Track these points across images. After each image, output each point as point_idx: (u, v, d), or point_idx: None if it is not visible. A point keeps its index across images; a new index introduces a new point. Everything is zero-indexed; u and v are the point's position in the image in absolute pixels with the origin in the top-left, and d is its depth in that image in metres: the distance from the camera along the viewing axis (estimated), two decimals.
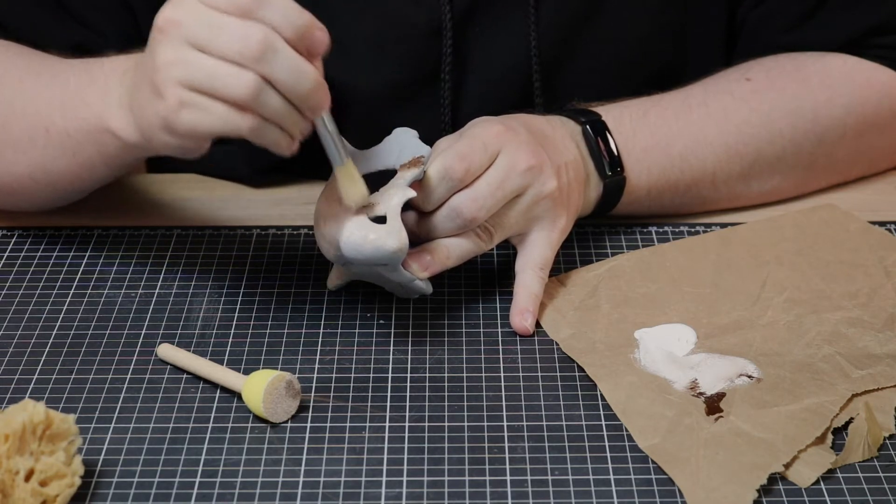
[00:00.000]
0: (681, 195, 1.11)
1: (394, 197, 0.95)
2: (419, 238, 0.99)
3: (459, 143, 0.99)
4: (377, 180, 0.98)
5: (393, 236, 0.94)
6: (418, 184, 0.97)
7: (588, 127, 1.06)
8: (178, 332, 1.00)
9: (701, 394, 0.92)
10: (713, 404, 0.91)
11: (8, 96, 1.05)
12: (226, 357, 0.97)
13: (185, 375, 0.95)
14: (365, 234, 0.94)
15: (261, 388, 0.89)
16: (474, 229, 0.99)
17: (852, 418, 0.89)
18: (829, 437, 0.88)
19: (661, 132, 1.09)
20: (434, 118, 1.15)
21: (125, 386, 0.94)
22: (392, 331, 1.00)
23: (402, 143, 1.00)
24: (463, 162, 0.97)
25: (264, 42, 0.86)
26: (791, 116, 1.11)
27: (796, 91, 1.12)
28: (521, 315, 1.00)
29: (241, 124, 0.88)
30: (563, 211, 1.02)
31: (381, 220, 0.95)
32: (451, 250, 1.00)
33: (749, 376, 0.93)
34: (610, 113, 1.08)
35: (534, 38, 1.13)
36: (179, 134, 0.89)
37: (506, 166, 0.99)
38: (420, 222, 0.99)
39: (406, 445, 0.89)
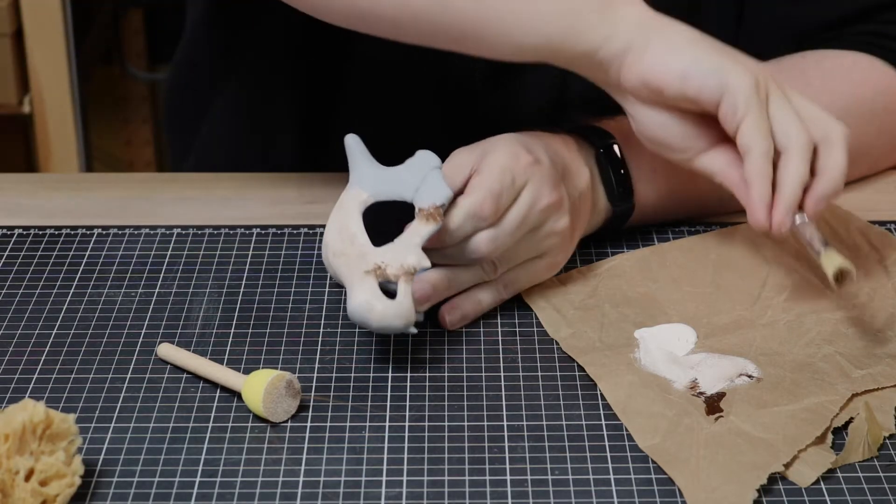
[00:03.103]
0: (686, 209, 1.10)
1: (413, 258, 0.94)
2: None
3: (491, 180, 0.96)
4: (387, 209, 0.97)
5: (401, 317, 0.92)
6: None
7: (602, 152, 1.05)
8: (178, 332, 1.00)
9: (701, 393, 0.92)
10: (713, 404, 0.91)
11: None
12: (226, 357, 0.97)
13: (185, 375, 0.95)
14: (372, 304, 0.92)
15: (261, 388, 0.89)
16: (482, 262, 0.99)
17: (852, 418, 0.89)
18: (829, 437, 0.88)
19: None
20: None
21: (125, 386, 0.94)
22: None
23: (422, 172, 0.97)
24: (495, 202, 0.96)
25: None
26: None
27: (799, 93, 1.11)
28: (450, 310, 0.99)
29: None
30: (565, 250, 1.03)
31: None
32: (453, 281, 0.99)
33: (749, 376, 0.93)
34: (622, 130, 1.06)
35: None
36: None
37: (529, 202, 0.98)
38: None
39: (406, 445, 0.89)
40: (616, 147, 1.06)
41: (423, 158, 0.99)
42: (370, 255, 0.94)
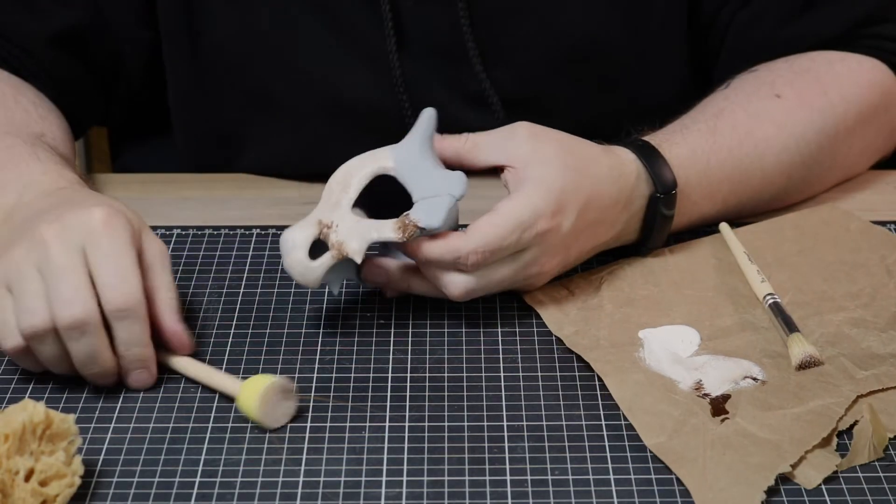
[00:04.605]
0: (703, 224, 1.10)
1: (352, 244, 0.94)
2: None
3: (496, 234, 0.94)
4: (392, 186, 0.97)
5: (304, 277, 0.94)
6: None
7: (661, 196, 1.03)
8: None
9: (706, 395, 0.91)
10: (719, 405, 0.90)
11: None
12: (226, 357, 0.97)
13: (184, 375, 0.95)
14: (293, 247, 0.94)
15: (254, 400, 0.89)
16: None
17: (857, 420, 0.89)
18: (834, 439, 0.88)
19: (715, 181, 1.07)
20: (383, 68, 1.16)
21: (125, 386, 0.94)
22: (392, 331, 1.00)
23: (441, 190, 0.96)
24: (484, 258, 0.95)
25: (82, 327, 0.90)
26: (818, 135, 1.11)
27: (822, 107, 1.12)
28: (376, 270, 0.99)
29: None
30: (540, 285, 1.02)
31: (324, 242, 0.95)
32: (413, 287, 0.99)
33: (754, 378, 0.93)
34: (680, 163, 1.04)
35: (465, 20, 1.13)
36: None
37: (521, 266, 0.97)
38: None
39: (406, 445, 0.89)
40: (674, 194, 1.03)
41: (454, 181, 0.97)
42: (338, 210, 0.95)
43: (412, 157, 0.97)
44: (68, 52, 1.17)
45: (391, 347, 0.98)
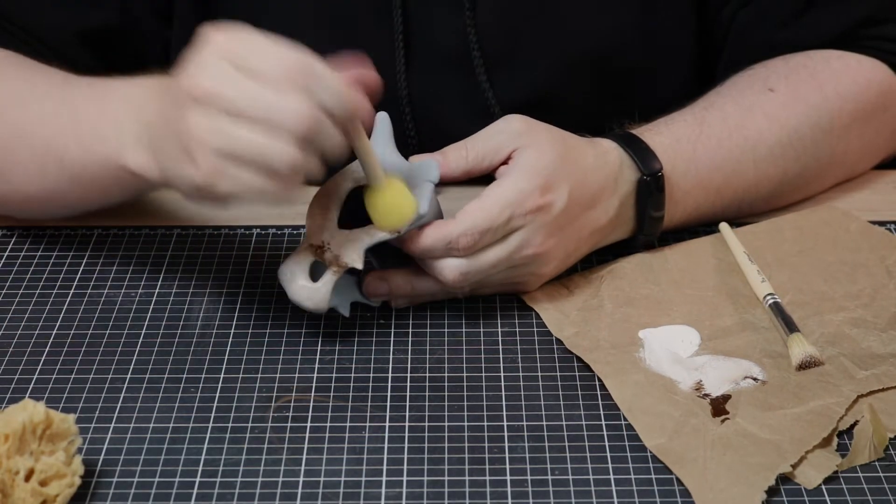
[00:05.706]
0: (703, 221, 1.10)
1: (349, 254, 0.95)
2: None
3: (484, 215, 0.95)
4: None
5: (311, 300, 0.95)
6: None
7: (648, 179, 1.03)
8: (178, 331, 1.00)
9: (706, 395, 0.92)
10: (719, 406, 0.90)
11: (12, 118, 1.03)
12: (226, 357, 0.97)
13: (184, 375, 0.95)
14: (294, 277, 0.95)
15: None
16: None
17: (857, 420, 0.89)
18: (835, 439, 0.88)
19: (705, 170, 1.07)
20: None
21: (125, 386, 0.94)
22: (392, 331, 1.00)
23: (418, 179, 0.97)
24: (474, 239, 0.95)
25: (314, 121, 0.85)
26: (813, 130, 1.11)
27: (816, 102, 1.12)
28: (377, 282, 1.00)
29: (276, 191, 0.88)
30: (543, 281, 1.02)
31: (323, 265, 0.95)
32: (417, 288, 0.99)
33: (754, 378, 0.93)
34: (664, 150, 1.05)
35: (471, 28, 1.13)
36: (212, 199, 0.89)
37: (514, 247, 0.97)
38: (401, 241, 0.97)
39: (406, 445, 0.89)
40: (661, 177, 1.04)
41: (427, 168, 0.99)
42: (326, 230, 0.96)
43: (380, 162, 0.98)
44: (93, 50, 1.16)
45: (391, 347, 0.98)
